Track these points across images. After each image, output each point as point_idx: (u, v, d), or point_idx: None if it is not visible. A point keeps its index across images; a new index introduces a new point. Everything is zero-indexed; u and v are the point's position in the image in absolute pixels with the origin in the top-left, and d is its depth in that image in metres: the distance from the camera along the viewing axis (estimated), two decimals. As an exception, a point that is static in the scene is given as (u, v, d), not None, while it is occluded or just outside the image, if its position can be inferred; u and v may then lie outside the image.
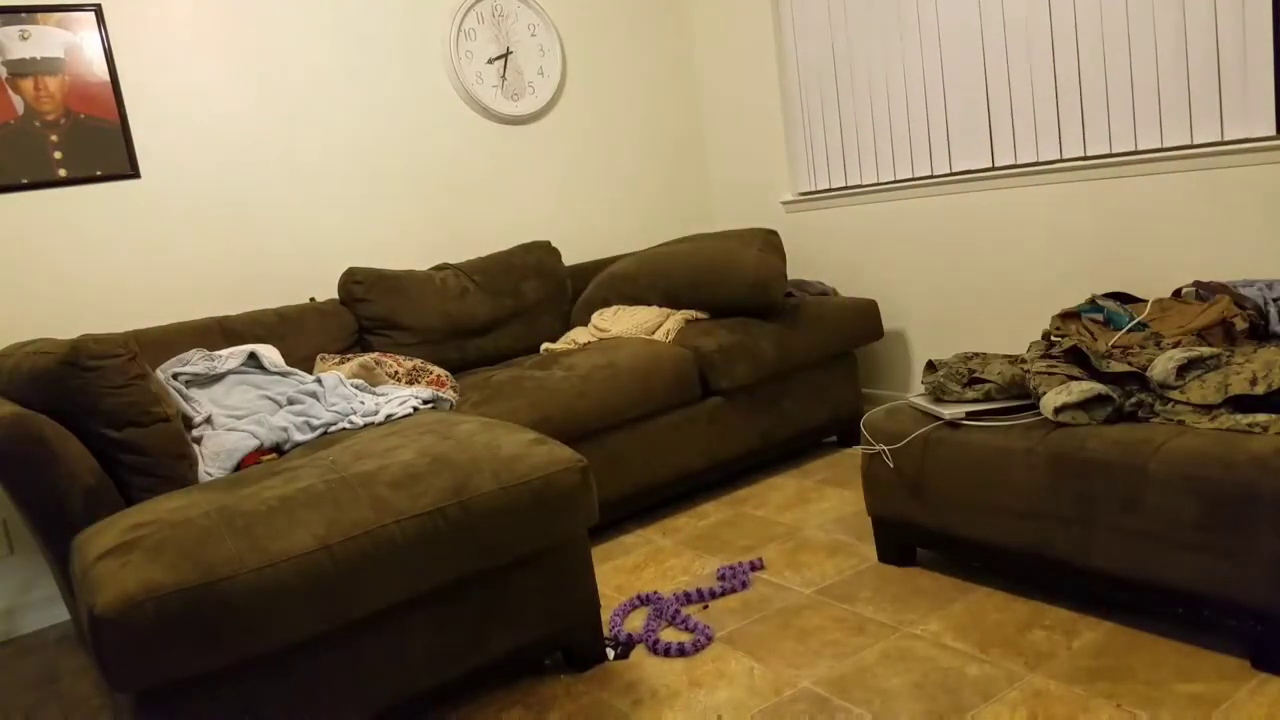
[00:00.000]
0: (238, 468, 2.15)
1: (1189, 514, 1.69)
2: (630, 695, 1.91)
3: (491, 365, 3.28)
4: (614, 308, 3.40)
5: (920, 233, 3.42)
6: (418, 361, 2.84)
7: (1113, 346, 2.22)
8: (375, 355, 2.78)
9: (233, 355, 2.54)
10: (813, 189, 3.83)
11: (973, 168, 3.21)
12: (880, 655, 1.92)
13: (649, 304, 3.37)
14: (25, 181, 2.79)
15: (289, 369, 2.59)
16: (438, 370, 2.82)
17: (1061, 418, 1.91)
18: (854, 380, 3.43)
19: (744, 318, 3.19)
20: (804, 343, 3.18)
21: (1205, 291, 2.41)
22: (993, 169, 3.14)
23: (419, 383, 2.72)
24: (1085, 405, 1.91)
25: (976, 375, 2.14)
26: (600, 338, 3.25)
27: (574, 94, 3.91)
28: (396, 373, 2.73)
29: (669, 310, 3.29)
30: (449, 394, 2.66)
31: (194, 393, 2.40)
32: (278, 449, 2.25)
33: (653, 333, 3.19)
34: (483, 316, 3.28)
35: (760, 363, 3.05)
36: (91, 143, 2.89)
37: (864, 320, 3.38)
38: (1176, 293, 2.50)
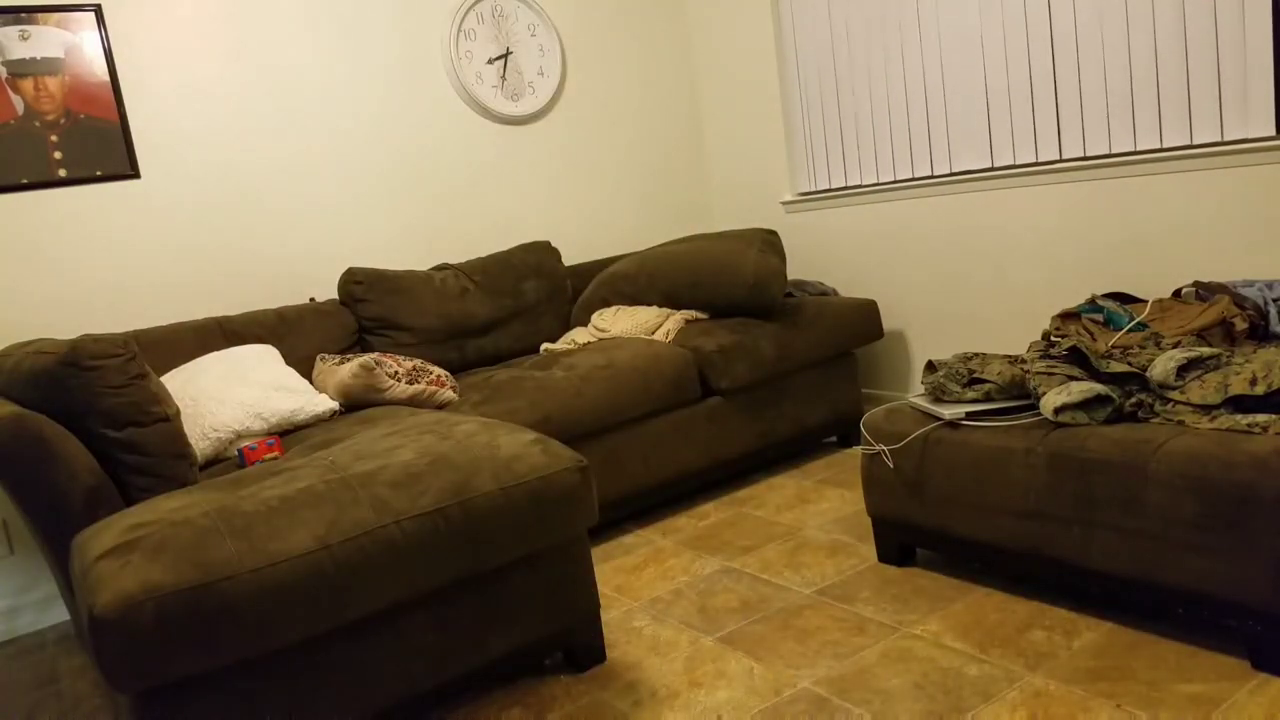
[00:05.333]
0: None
1: (1189, 514, 1.69)
2: (630, 695, 1.91)
3: (491, 365, 3.28)
4: (614, 308, 3.39)
5: (920, 233, 3.42)
6: (418, 362, 2.84)
7: (1113, 347, 2.22)
8: (375, 355, 2.77)
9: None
10: (813, 189, 3.83)
11: (973, 168, 3.20)
12: (880, 655, 1.92)
13: (649, 304, 3.37)
14: (25, 181, 2.79)
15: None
16: (438, 370, 2.82)
17: (1061, 418, 1.91)
18: (854, 380, 3.43)
19: (744, 318, 3.19)
20: (804, 343, 3.18)
21: (1205, 291, 2.41)
22: (993, 169, 3.14)
23: (419, 383, 2.72)
24: (1085, 405, 1.91)
25: (976, 375, 2.14)
26: (600, 338, 3.25)
27: (574, 94, 3.90)
28: (396, 373, 2.73)
29: (669, 310, 3.29)
30: (449, 394, 2.66)
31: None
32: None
33: (652, 333, 3.19)
34: (483, 316, 3.28)
35: (760, 363, 3.05)
36: (91, 143, 2.89)
37: (864, 320, 3.37)
38: (1176, 293, 2.50)
